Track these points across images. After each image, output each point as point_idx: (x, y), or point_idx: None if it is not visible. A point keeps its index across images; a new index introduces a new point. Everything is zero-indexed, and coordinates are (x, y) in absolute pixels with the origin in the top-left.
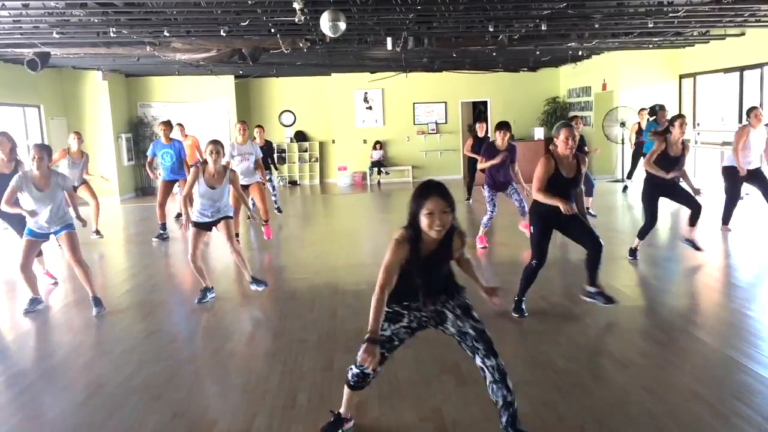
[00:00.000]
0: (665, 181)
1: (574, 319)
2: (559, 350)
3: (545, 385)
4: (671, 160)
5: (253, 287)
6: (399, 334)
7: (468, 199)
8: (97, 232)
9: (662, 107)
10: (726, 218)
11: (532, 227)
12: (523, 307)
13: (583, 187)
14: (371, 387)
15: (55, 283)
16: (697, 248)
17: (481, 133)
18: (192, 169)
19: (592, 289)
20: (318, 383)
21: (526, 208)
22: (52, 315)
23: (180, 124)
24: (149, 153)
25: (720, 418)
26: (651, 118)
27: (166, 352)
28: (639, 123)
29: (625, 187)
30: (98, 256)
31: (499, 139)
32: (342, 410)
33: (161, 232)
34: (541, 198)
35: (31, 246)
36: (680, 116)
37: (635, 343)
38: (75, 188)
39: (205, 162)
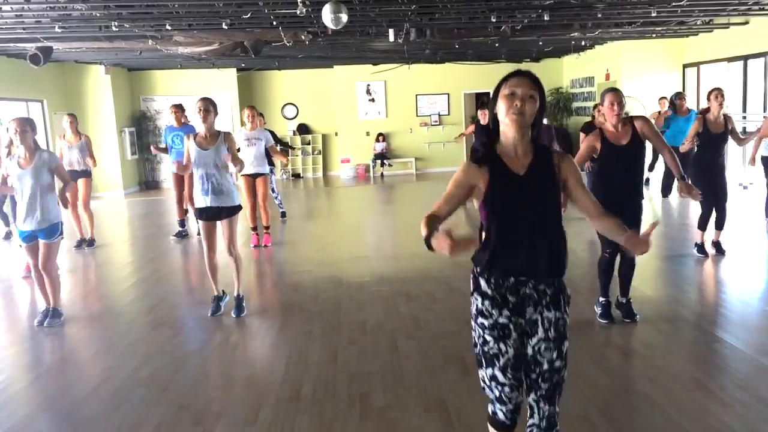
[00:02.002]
0: (711, 162)
1: (577, 310)
2: None
3: None
4: (715, 138)
5: (233, 313)
6: (521, 346)
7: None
8: (91, 242)
9: (680, 95)
10: None
11: None
12: (612, 312)
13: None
14: (376, 377)
15: (27, 277)
16: (705, 254)
17: (483, 120)
18: (185, 139)
19: (622, 300)
20: (322, 375)
21: None
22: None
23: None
24: (163, 141)
25: (724, 407)
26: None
27: (172, 344)
28: (660, 111)
29: (647, 180)
30: (102, 250)
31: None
32: None
33: (180, 229)
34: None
35: (31, 249)
36: (716, 89)
37: (639, 333)
38: (77, 178)
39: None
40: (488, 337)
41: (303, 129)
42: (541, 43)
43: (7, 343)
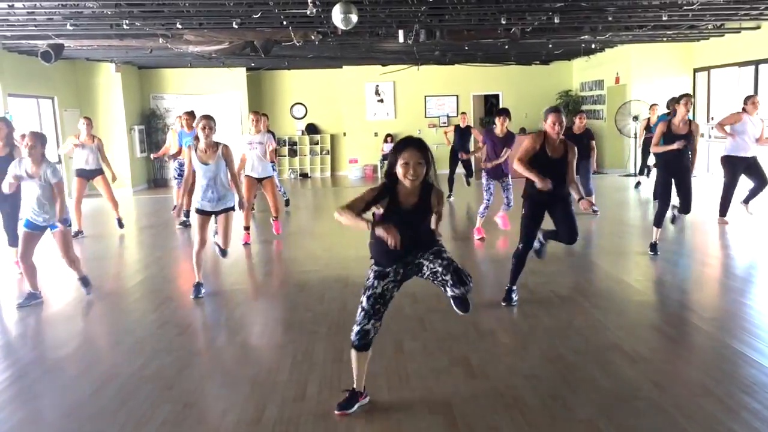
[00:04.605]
0: (676, 162)
1: (583, 313)
2: (569, 344)
3: (555, 379)
4: (675, 138)
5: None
6: (389, 288)
7: (449, 196)
8: (119, 220)
9: (675, 101)
10: (723, 210)
11: (523, 209)
12: (513, 296)
13: (578, 178)
14: (381, 379)
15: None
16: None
17: (463, 123)
18: (186, 150)
19: (541, 241)
20: (328, 375)
21: (512, 205)
22: (65, 305)
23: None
24: (178, 144)
25: (729, 413)
26: (667, 111)
27: (178, 342)
28: (649, 118)
29: (638, 183)
30: (109, 246)
31: (499, 125)
32: (355, 385)
33: (185, 219)
34: (519, 168)
35: (28, 238)
36: (686, 95)
37: (645, 338)
38: (93, 176)
39: (196, 138)
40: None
41: (311, 129)
42: (550, 45)
43: (9, 341)
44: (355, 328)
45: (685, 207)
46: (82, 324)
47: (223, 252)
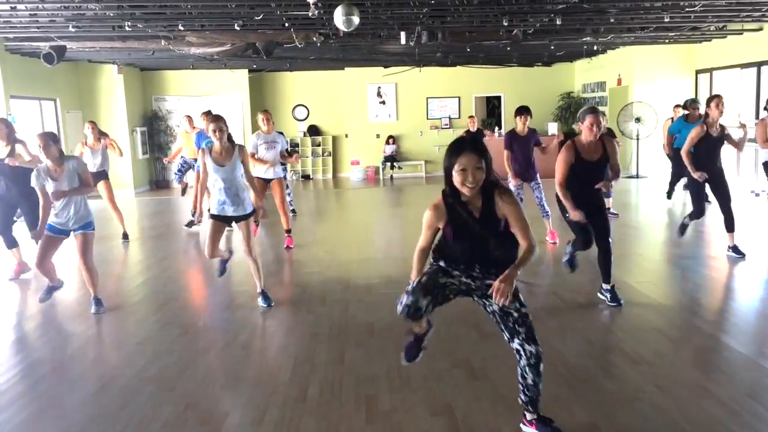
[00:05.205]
0: (710, 165)
1: (586, 315)
2: (571, 346)
3: (557, 381)
4: (713, 142)
5: (261, 303)
6: (448, 286)
7: None
8: (125, 236)
9: (694, 102)
10: None
11: (564, 216)
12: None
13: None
14: (382, 379)
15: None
16: (741, 254)
17: (472, 127)
18: (199, 153)
19: (605, 286)
20: (329, 377)
21: (548, 210)
22: (67, 307)
23: (188, 116)
24: (196, 144)
25: (733, 416)
26: (683, 113)
27: (180, 344)
28: (673, 118)
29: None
30: (111, 248)
31: (520, 124)
32: (416, 329)
33: (192, 219)
34: (560, 192)
35: (49, 242)
36: (716, 96)
37: (648, 341)
38: (99, 180)
39: (210, 143)
40: None
41: (313, 130)
42: (552, 47)
43: (13, 341)
44: (405, 298)
45: (727, 219)
46: (85, 325)
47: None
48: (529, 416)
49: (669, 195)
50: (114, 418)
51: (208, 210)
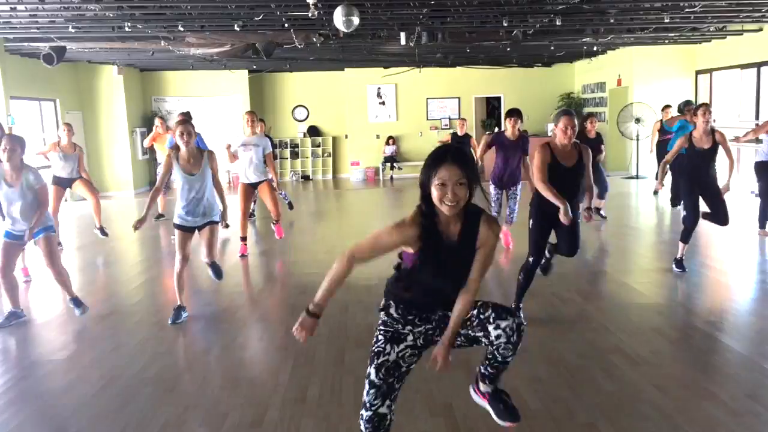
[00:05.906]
0: (697, 174)
1: (586, 316)
2: (571, 347)
3: (557, 382)
4: (700, 155)
5: (213, 276)
6: (405, 358)
7: None
8: (101, 229)
9: (688, 104)
10: (763, 221)
11: (530, 221)
12: (521, 314)
13: (593, 185)
14: None
15: (27, 281)
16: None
17: (461, 131)
18: (164, 158)
19: (546, 255)
20: (329, 377)
21: (515, 219)
22: (66, 307)
23: (161, 118)
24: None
25: (733, 416)
26: (681, 116)
27: (179, 345)
28: (662, 120)
29: (656, 191)
30: (111, 249)
31: (510, 128)
32: None
33: (161, 214)
34: (543, 190)
35: (8, 249)
36: (702, 105)
37: (647, 341)
38: (70, 184)
39: (177, 147)
40: None
41: (313, 131)
42: (552, 47)
43: (13, 342)
44: (365, 413)
45: (721, 219)
46: (83, 326)
47: (218, 274)
48: (483, 388)
49: (674, 203)
50: (114, 418)
51: (161, 216)
